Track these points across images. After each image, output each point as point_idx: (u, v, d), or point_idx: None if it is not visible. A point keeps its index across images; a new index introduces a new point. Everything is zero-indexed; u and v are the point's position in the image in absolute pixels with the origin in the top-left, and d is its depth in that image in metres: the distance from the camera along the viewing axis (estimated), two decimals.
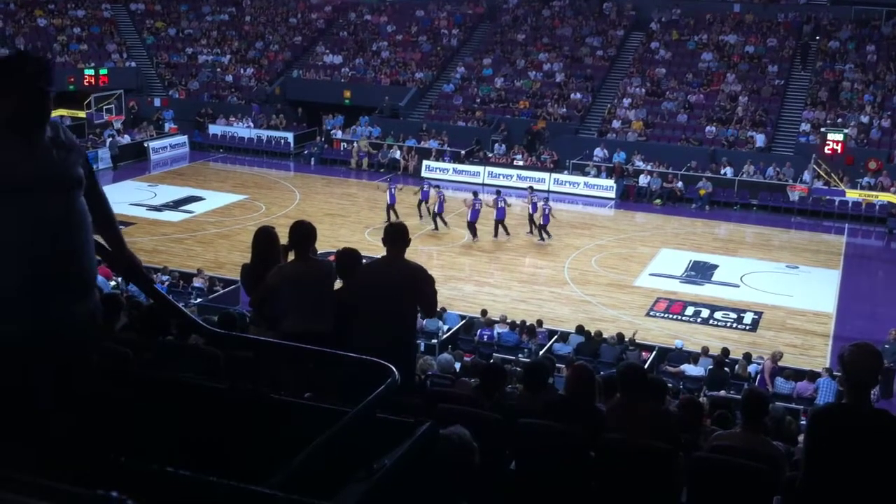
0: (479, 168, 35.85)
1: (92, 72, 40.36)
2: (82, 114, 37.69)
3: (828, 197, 30.63)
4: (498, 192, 28.20)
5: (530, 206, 27.95)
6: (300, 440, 2.62)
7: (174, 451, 2.99)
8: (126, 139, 38.45)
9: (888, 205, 29.92)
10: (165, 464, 2.20)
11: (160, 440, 3.14)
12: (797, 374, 17.09)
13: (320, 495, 2.47)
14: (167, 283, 20.16)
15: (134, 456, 2.52)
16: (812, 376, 16.78)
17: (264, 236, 6.94)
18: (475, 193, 28.05)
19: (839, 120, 34.89)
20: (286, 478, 2.40)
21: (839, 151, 29.11)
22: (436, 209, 28.06)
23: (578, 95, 39.28)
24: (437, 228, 28.09)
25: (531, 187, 29.96)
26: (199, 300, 19.30)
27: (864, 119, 35.25)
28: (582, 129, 38.12)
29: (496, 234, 27.59)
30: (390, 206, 28.74)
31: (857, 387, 4.29)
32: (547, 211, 27.35)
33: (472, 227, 27.24)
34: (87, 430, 2.99)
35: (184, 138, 40.33)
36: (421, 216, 28.85)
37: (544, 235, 27.52)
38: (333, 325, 6.36)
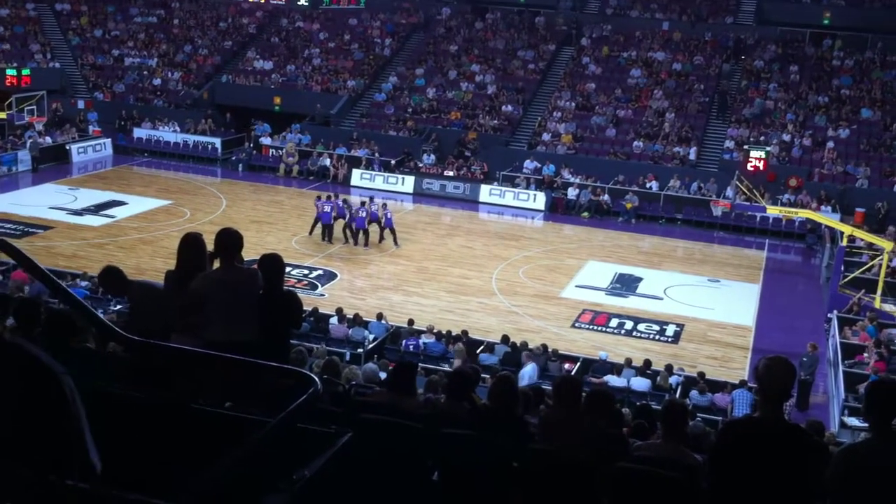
0: (410, 178, 35.81)
1: (14, 72, 39.32)
2: (3, 114, 36.65)
3: (749, 213, 31.30)
4: (385, 205, 28.62)
5: (368, 216, 28.00)
6: (220, 450, 2.56)
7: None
8: (48, 141, 37.55)
9: (807, 221, 30.70)
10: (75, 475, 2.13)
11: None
12: (714, 387, 17.44)
13: None
14: (86, 288, 19.66)
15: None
16: (731, 389, 17.10)
17: (192, 242, 6.71)
18: (363, 202, 28.17)
19: (762, 138, 35.77)
20: (202, 490, 2.35)
21: (761, 168, 29.87)
22: (356, 224, 27.63)
23: (509, 108, 39.57)
24: (347, 241, 27.65)
25: (371, 198, 29.16)
26: (119, 307, 18.84)
27: (786, 137, 36.19)
28: (512, 142, 38.40)
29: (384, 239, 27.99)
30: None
31: (770, 399, 4.36)
32: (389, 215, 27.90)
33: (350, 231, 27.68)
34: None
35: (107, 141, 39.53)
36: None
37: (396, 240, 27.86)
38: (259, 333, 6.26)
